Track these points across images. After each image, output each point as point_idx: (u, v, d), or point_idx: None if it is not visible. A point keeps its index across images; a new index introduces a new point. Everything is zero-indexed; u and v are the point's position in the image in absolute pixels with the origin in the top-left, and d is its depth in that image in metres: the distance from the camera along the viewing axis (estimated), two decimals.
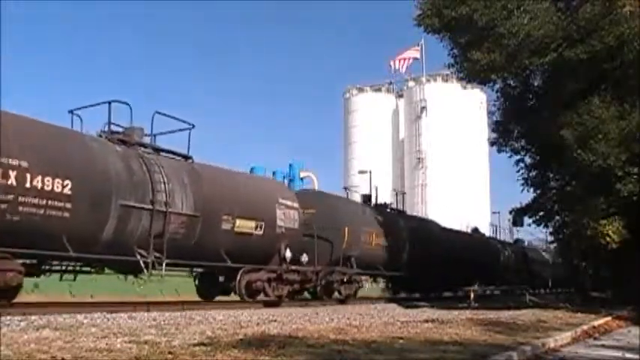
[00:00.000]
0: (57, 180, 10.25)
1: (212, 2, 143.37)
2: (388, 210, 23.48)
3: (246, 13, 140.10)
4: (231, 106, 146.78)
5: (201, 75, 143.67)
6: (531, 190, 21.56)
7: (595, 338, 11.08)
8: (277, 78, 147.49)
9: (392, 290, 25.18)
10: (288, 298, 15.96)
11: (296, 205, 16.23)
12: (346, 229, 18.16)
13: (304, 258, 16.24)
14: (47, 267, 11.72)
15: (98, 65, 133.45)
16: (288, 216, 15.60)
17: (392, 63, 68.59)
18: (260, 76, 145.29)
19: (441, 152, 63.46)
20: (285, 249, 15.12)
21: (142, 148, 12.73)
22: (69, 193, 10.42)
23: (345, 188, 23.44)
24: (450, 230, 29.34)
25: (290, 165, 35.31)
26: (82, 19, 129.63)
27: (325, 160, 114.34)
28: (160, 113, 13.10)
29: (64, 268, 12.05)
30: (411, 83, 69.04)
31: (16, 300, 10.83)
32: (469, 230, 35.02)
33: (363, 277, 21.52)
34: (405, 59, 68.06)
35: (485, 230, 47.49)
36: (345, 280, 18.31)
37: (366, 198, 23.39)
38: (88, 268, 12.43)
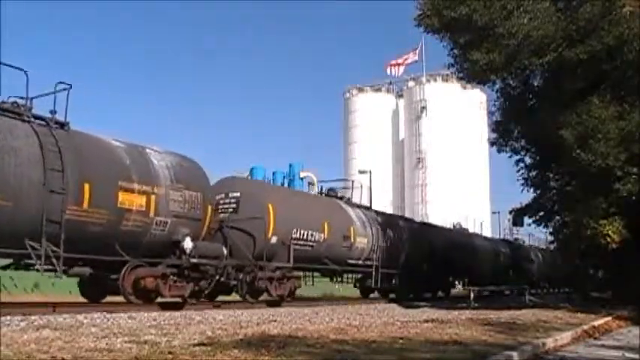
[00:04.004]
0: None
1: (213, 2, 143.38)
2: (343, 200, 20.93)
3: (246, 12, 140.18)
4: (231, 105, 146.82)
5: (202, 75, 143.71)
6: (531, 190, 21.57)
7: (595, 338, 11.09)
8: (277, 78, 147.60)
9: (360, 291, 23.13)
10: (195, 298, 13.57)
11: (205, 187, 14.07)
12: (271, 217, 15.59)
13: (224, 252, 14.25)
14: None
15: (107, 69, 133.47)
16: (189, 200, 13.11)
17: (388, 68, 68.77)
18: (260, 76, 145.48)
19: (441, 152, 63.51)
20: (184, 239, 12.76)
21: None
22: None
23: (329, 190, 21.07)
24: (424, 224, 27.90)
25: (290, 165, 35.42)
26: (82, 19, 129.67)
27: (325, 160, 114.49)
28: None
29: None
30: (411, 83, 69.11)
31: (16, 300, 10.84)
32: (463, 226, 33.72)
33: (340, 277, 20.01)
34: (400, 64, 68.14)
35: (486, 230, 47.53)
36: (276, 277, 15.69)
37: (331, 191, 21.16)
38: None
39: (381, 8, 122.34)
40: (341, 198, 20.85)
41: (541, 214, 22.29)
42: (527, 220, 25.96)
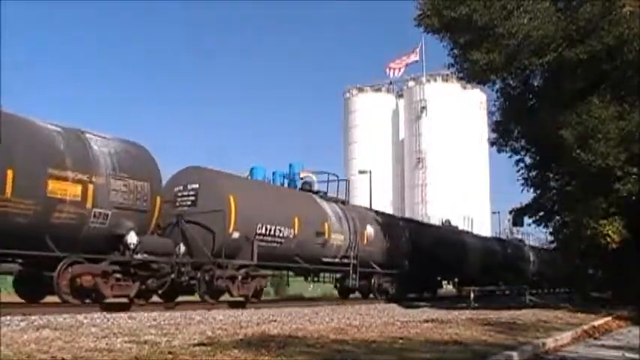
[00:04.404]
0: None
1: (213, 2, 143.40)
2: (319, 194, 19.45)
3: (246, 12, 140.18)
4: (231, 105, 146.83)
5: (201, 75, 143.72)
6: (531, 190, 21.56)
7: (595, 338, 11.09)
8: (277, 78, 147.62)
9: (338, 291, 21.80)
10: (144, 298, 12.39)
11: (154, 176, 12.76)
12: (233, 210, 14.28)
13: (181, 249, 13.25)
14: None
15: (104, 67, 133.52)
16: (134, 190, 11.92)
17: (388, 70, 68.81)
18: (260, 75, 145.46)
19: (441, 152, 63.55)
20: (128, 233, 11.60)
21: None
22: None
23: (304, 184, 19.46)
24: (407, 220, 26.43)
25: (290, 165, 35.42)
26: (82, 19, 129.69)
27: (325, 160, 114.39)
28: None
29: None
30: (411, 83, 69.15)
31: (16, 300, 10.83)
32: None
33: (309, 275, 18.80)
34: (400, 66, 68.20)
35: (486, 230, 47.52)
36: (238, 276, 14.37)
37: (306, 185, 19.62)
38: None
39: (381, 8, 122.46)
40: (317, 192, 19.48)
41: (541, 214, 22.27)
42: (527, 220, 25.95)
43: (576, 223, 18.35)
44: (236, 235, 14.48)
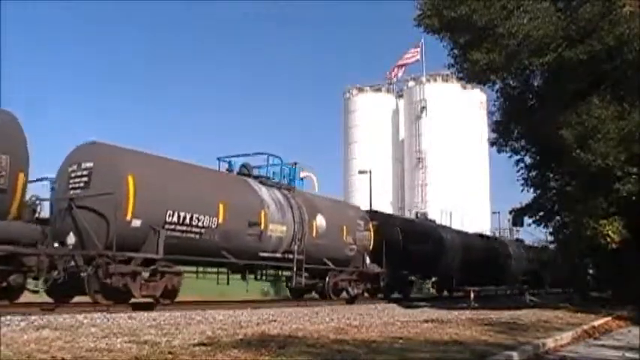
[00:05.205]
0: None
1: (213, 2, 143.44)
2: (258, 179, 16.81)
3: (246, 12, 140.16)
4: (231, 105, 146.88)
5: (202, 74, 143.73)
6: (531, 190, 21.58)
7: (595, 338, 11.09)
8: (277, 78, 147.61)
9: (289, 291, 19.37)
10: (7, 298, 10.62)
11: (16, 148, 10.61)
12: (131, 193, 11.93)
13: (70, 239, 11.61)
14: None
15: (100, 61, 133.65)
16: None
17: (392, 73, 68.85)
18: (260, 75, 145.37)
19: (441, 152, 63.50)
20: None
21: None
22: None
23: (242, 167, 17.03)
24: (373, 212, 23.53)
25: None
26: (78, 18, 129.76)
27: (325, 160, 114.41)
28: None
29: None
30: (411, 83, 69.10)
31: (16, 300, 10.82)
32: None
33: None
34: (403, 66, 68.26)
35: (487, 230, 47.45)
36: (141, 273, 12.15)
37: (245, 168, 17.11)
38: None
39: (381, 8, 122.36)
40: (257, 177, 16.86)
41: (541, 214, 22.30)
42: (527, 220, 25.94)
43: (576, 223, 18.38)
44: (136, 223, 12.02)
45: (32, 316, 8.51)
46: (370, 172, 38.00)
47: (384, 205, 44.28)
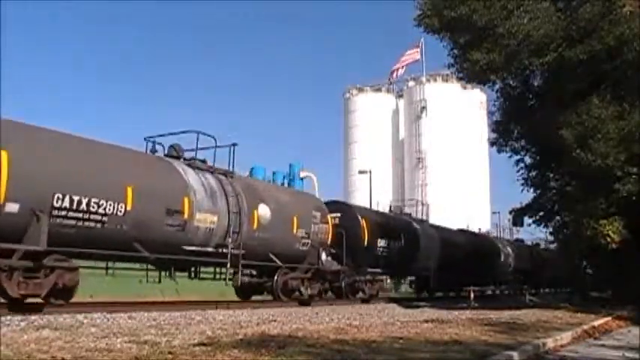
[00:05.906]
0: None
1: (213, 2, 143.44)
2: (185, 161, 14.21)
3: (247, 12, 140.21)
4: (231, 105, 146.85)
5: (202, 75, 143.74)
6: (531, 190, 21.60)
7: (595, 338, 11.09)
8: (277, 78, 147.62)
9: (235, 291, 16.65)
10: None
11: None
12: (4, 170, 9.77)
13: None
14: None
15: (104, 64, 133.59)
16: None
17: (394, 74, 68.78)
18: (260, 75, 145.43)
19: (441, 152, 63.53)
20: None
21: None
22: None
23: (171, 147, 14.10)
24: (334, 202, 20.57)
25: (290, 165, 35.48)
26: (78, 17, 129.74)
27: (325, 160, 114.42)
28: None
29: None
30: (411, 83, 69.13)
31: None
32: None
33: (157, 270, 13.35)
34: (403, 65, 68.22)
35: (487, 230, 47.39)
36: (19, 268, 9.99)
37: (173, 149, 14.37)
38: None
39: (382, 8, 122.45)
40: (189, 160, 14.34)
41: (541, 214, 22.33)
42: (527, 220, 25.96)
43: (576, 223, 18.41)
44: (13, 207, 9.89)
45: (32, 316, 8.51)
46: (370, 172, 38.05)
47: (384, 205, 44.21)
